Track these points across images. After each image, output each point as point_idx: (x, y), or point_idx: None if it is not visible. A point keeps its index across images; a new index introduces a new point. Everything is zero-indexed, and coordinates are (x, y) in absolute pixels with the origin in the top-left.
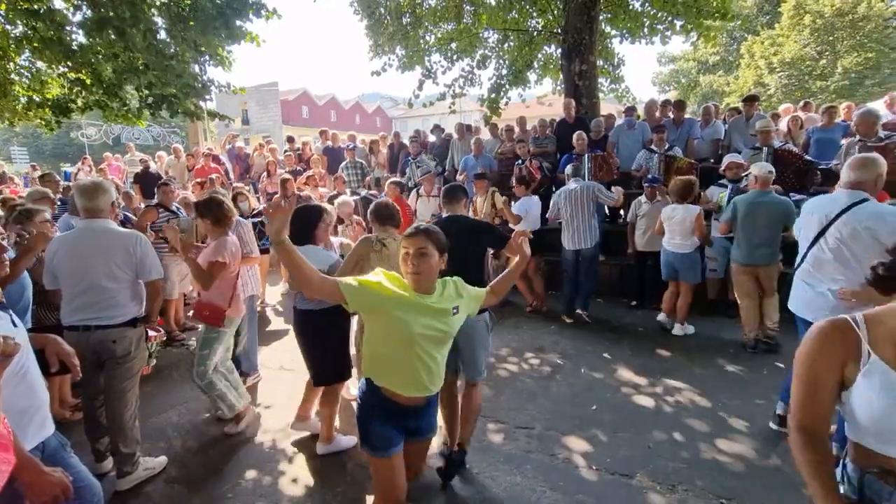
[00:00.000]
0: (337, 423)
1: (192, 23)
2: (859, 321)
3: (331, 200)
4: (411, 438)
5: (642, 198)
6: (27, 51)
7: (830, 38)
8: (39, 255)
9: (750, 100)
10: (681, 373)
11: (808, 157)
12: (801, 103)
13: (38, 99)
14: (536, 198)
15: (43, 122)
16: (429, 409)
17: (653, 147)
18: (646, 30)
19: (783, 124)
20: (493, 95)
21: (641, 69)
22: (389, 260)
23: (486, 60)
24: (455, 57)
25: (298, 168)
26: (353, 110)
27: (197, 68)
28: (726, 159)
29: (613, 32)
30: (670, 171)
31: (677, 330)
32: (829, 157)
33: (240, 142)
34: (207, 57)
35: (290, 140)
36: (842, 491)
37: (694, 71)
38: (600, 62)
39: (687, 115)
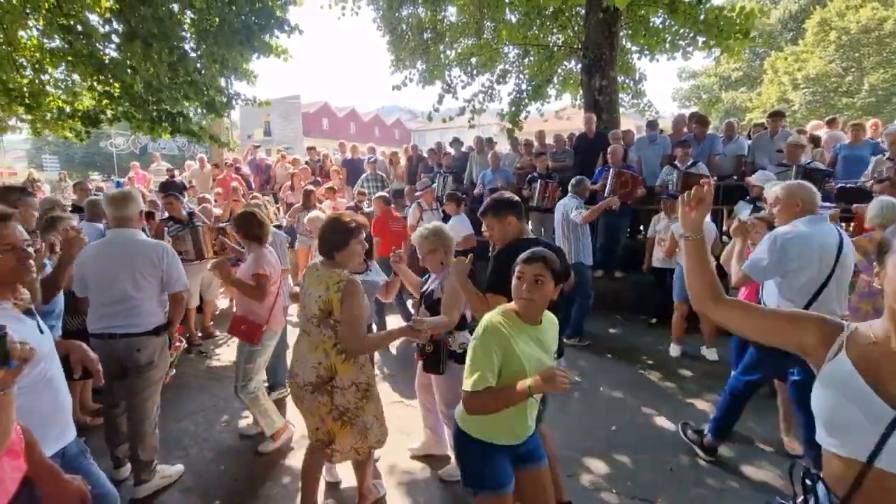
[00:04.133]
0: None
1: (218, 37)
2: (848, 326)
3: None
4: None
5: (662, 213)
6: (62, 63)
7: (856, 55)
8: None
9: (775, 115)
10: (704, 395)
11: (824, 168)
12: (826, 119)
13: (69, 110)
14: (463, 216)
15: (73, 133)
16: None
17: (676, 163)
18: (667, 45)
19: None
20: (513, 109)
21: (662, 84)
22: (302, 292)
23: (506, 75)
24: (475, 72)
25: (317, 179)
26: (372, 122)
27: (223, 82)
28: (756, 177)
29: (634, 48)
30: (686, 186)
31: (708, 353)
32: (857, 175)
33: (261, 153)
34: (232, 71)
35: (311, 150)
36: None
37: (715, 87)
38: (621, 77)
39: (709, 131)
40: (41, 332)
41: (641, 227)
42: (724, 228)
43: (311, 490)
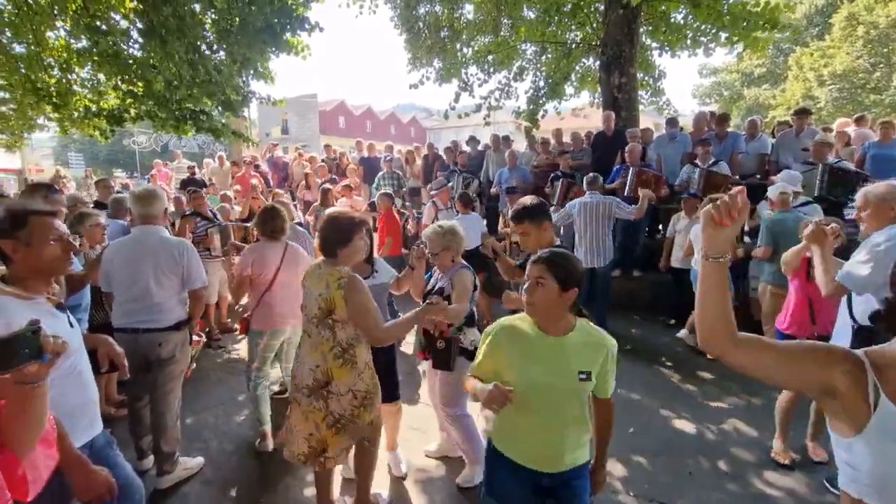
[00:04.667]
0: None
1: (239, 37)
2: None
3: (372, 208)
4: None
5: (682, 213)
6: (88, 63)
7: (885, 50)
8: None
9: (801, 113)
10: (724, 397)
11: (853, 169)
12: (855, 117)
13: (94, 109)
14: (476, 215)
15: (98, 131)
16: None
17: (697, 162)
18: (688, 41)
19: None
20: (531, 107)
21: (681, 81)
22: (304, 292)
23: (523, 72)
24: (492, 69)
25: (334, 177)
26: (388, 121)
27: (241, 80)
28: (781, 177)
29: (654, 44)
30: (709, 186)
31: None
32: (887, 174)
33: (279, 151)
34: (251, 70)
35: (327, 148)
36: None
37: (737, 83)
38: (640, 74)
39: (730, 129)
40: (71, 326)
41: (661, 227)
42: (746, 229)
43: (325, 493)
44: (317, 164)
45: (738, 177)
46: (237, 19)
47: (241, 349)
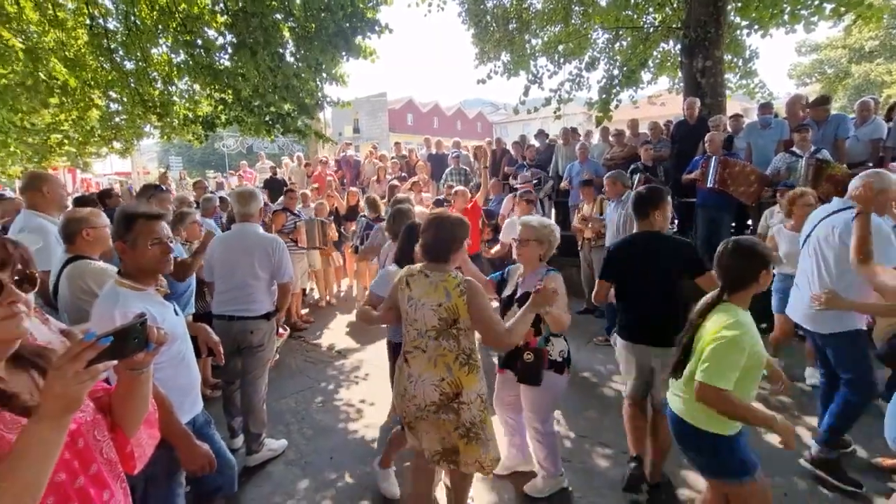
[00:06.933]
0: None
1: (315, 42)
2: None
3: (438, 205)
4: None
5: (776, 207)
6: (185, 75)
7: None
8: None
9: None
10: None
11: None
12: None
13: (191, 116)
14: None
15: (194, 137)
16: None
17: (795, 150)
18: (785, 17)
19: None
20: (603, 97)
21: (776, 60)
22: (410, 304)
23: (595, 62)
24: (562, 60)
25: (403, 174)
26: (454, 116)
27: (315, 85)
28: None
29: (744, 22)
30: (820, 178)
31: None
32: None
33: (351, 150)
34: (325, 74)
35: (397, 146)
36: None
37: (844, 60)
38: (727, 56)
39: (833, 111)
40: (176, 314)
41: (749, 222)
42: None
43: (427, 489)
44: (387, 161)
45: (844, 165)
46: (313, 26)
47: (319, 340)
